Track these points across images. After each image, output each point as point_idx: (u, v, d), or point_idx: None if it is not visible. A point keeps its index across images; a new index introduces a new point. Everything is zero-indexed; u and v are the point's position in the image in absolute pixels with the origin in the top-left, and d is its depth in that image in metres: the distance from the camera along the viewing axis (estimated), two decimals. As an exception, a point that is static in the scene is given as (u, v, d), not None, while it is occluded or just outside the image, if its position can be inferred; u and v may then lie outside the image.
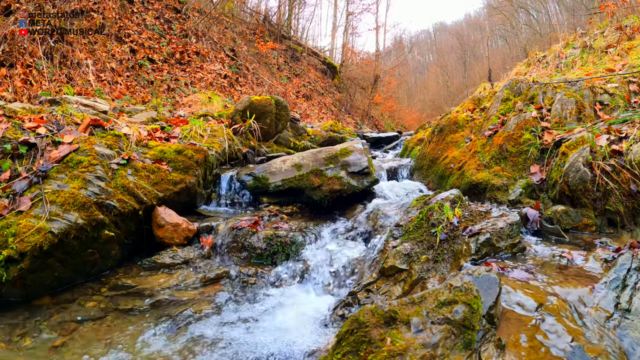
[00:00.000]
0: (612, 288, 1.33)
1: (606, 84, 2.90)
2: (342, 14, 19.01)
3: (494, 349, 1.08)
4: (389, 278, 1.85)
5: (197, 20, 9.14)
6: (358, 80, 17.31)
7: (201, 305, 1.87)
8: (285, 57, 13.93)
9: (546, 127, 2.71)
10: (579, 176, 2.10)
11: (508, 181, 2.57)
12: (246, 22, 13.33)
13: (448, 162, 3.29)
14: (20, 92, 4.34)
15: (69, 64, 5.27)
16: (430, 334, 1.05)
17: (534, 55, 7.45)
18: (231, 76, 9.11)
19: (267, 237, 2.28)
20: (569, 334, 1.14)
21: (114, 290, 1.92)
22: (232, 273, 2.12)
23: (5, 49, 4.49)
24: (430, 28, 47.97)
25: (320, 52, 17.36)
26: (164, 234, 2.24)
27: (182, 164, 2.59)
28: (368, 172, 3.00)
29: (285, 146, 4.40)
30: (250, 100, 4.14)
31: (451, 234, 1.88)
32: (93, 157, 2.15)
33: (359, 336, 1.03)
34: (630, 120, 2.38)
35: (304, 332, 1.69)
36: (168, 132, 3.16)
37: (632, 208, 1.96)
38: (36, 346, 1.52)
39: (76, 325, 1.67)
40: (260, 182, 2.94)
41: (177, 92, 6.98)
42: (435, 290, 1.18)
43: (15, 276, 1.67)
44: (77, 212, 1.88)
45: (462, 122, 3.63)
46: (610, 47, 4.93)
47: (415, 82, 34.58)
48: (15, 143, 2.10)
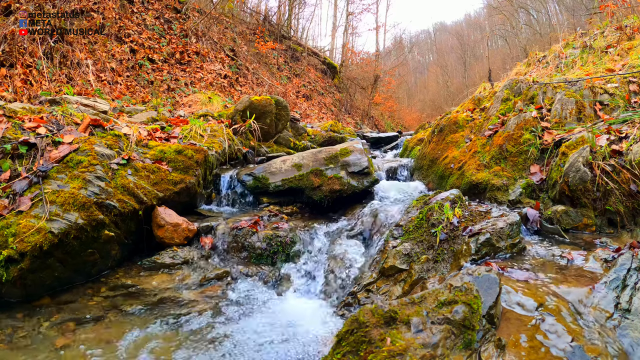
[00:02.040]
0: (612, 288, 1.33)
1: (606, 84, 2.90)
2: (342, 14, 19.02)
3: (494, 349, 1.08)
4: (389, 278, 1.86)
5: (197, 20, 9.14)
6: (358, 80, 17.31)
7: (201, 306, 1.87)
8: (285, 57, 13.93)
9: (546, 127, 2.71)
10: (579, 176, 2.10)
11: (508, 181, 2.57)
12: (246, 22, 13.33)
13: (448, 162, 3.29)
14: (20, 92, 4.34)
15: (69, 64, 5.27)
16: (430, 334, 1.05)
17: (534, 55, 7.45)
18: (231, 76, 9.11)
19: (267, 237, 2.28)
20: (569, 334, 1.14)
21: (114, 291, 1.92)
22: (232, 273, 2.12)
23: (5, 49, 4.49)
24: (430, 28, 47.99)
25: (320, 52, 17.36)
26: (164, 234, 2.24)
27: (182, 164, 2.59)
28: (368, 172, 3.00)
29: (285, 146, 4.40)
30: (250, 100, 4.14)
31: (451, 234, 1.88)
32: (93, 157, 2.15)
33: (359, 336, 1.03)
34: (630, 120, 2.38)
35: (304, 331, 1.69)
36: (168, 132, 3.16)
37: (632, 208, 1.96)
38: (36, 346, 1.52)
39: (76, 325, 1.67)
40: (260, 182, 2.94)
41: (177, 92, 6.98)
42: (435, 290, 1.18)
43: (15, 276, 1.67)
44: (77, 212, 1.88)
45: (462, 122, 3.63)
46: (610, 47, 4.93)
47: (415, 82, 34.58)
48: (15, 143, 2.09)
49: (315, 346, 1.57)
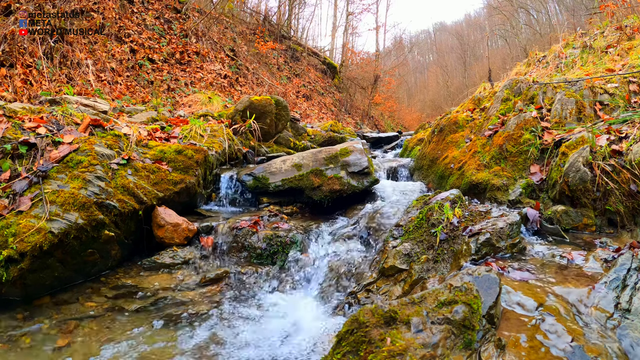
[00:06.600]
0: (612, 288, 1.33)
1: (606, 84, 2.90)
2: (342, 14, 19.02)
3: (494, 349, 1.08)
4: (389, 278, 1.86)
5: (197, 20, 9.14)
6: (358, 80, 17.31)
7: (201, 305, 1.87)
8: (285, 57, 13.93)
9: (546, 127, 2.71)
10: (579, 176, 2.10)
11: (508, 181, 2.57)
12: (246, 22, 13.33)
13: (448, 162, 3.29)
14: (20, 92, 4.34)
15: (69, 64, 5.27)
16: (430, 334, 1.05)
17: (534, 55, 7.45)
18: (231, 76, 9.11)
19: (267, 237, 2.28)
20: (569, 334, 1.14)
21: (114, 290, 1.92)
22: (232, 273, 2.12)
23: (5, 49, 4.49)
24: (430, 28, 48.00)
25: (320, 52, 17.36)
26: (164, 234, 2.24)
27: (182, 164, 2.59)
28: (368, 172, 3.00)
29: (285, 146, 4.40)
30: (250, 100, 4.14)
31: (451, 234, 1.88)
32: (93, 157, 2.15)
33: (359, 336, 1.03)
34: (630, 120, 2.38)
35: (304, 331, 1.69)
36: (168, 132, 3.16)
37: (632, 208, 1.96)
38: (36, 346, 1.52)
39: (76, 325, 1.67)
40: (260, 182, 2.94)
41: (177, 92, 6.98)
42: (435, 290, 1.17)
43: (15, 276, 1.67)
44: (77, 212, 1.88)
45: (462, 122, 3.63)
46: (610, 47, 4.93)
47: (415, 82, 34.58)
48: (15, 143, 2.09)
49: (315, 346, 1.57)
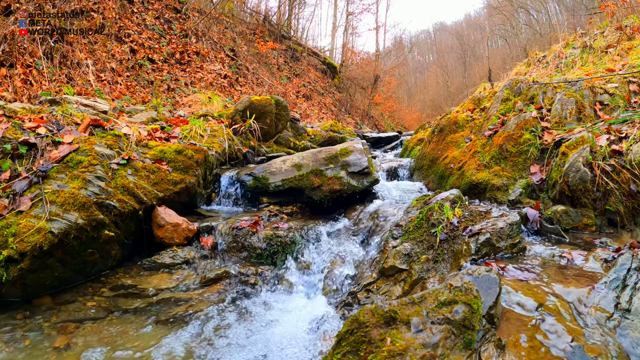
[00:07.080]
0: (612, 288, 1.33)
1: (606, 84, 2.90)
2: (342, 14, 19.02)
3: (494, 349, 1.08)
4: (389, 278, 1.85)
5: (197, 20, 9.14)
6: (358, 80, 17.32)
7: (201, 305, 1.87)
8: (285, 57, 13.93)
9: (546, 127, 2.71)
10: (579, 176, 2.10)
11: (508, 181, 2.57)
12: (246, 22, 13.33)
13: (448, 162, 3.29)
14: (20, 92, 4.34)
15: (69, 64, 5.27)
16: (430, 334, 1.04)
17: (534, 55, 7.45)
18: (231, 76, 9.11)
19: (267, 237, 2.28)
20: (569, 334, 1.14)
21: (114, 290, 1.92)
22: (232, 273, 2.12)
23: (5, 49, 4.49)
24: (430, 28, 48.01)
25: (320, 52, 17.36)
26: (164, 234, 2.24)
27: (182, 164, 2.59)
28: (368, 172, 3.00)
29: (285, 146, 4.40)
30: (250, 100, 4.14)
31: (451, 234, 1.88)
32: (93, 157, 2.15)
33: (359, 336, 1.03)
34: (630, 120, 2.37)
35: (304, 331, 1.69)
36: (168, 132, 3.16)
37: (632, 208, 1.96)
38: (36, 346, 1.52)
39: (76, 325, 1.67)
40: (260, 182, 2.94)
41: (177, 92, 6.98)
42: (435, 290, 1.17)
43: (15, 276, 1.67)
44: (77, 212, 1.88)
45: (462, 122, 3.63)
46: (610, 47, 4.93)
47: (415, 82, 34.58)
48: (15, 143, 2.09)
49: (315, 345, 1.57)
